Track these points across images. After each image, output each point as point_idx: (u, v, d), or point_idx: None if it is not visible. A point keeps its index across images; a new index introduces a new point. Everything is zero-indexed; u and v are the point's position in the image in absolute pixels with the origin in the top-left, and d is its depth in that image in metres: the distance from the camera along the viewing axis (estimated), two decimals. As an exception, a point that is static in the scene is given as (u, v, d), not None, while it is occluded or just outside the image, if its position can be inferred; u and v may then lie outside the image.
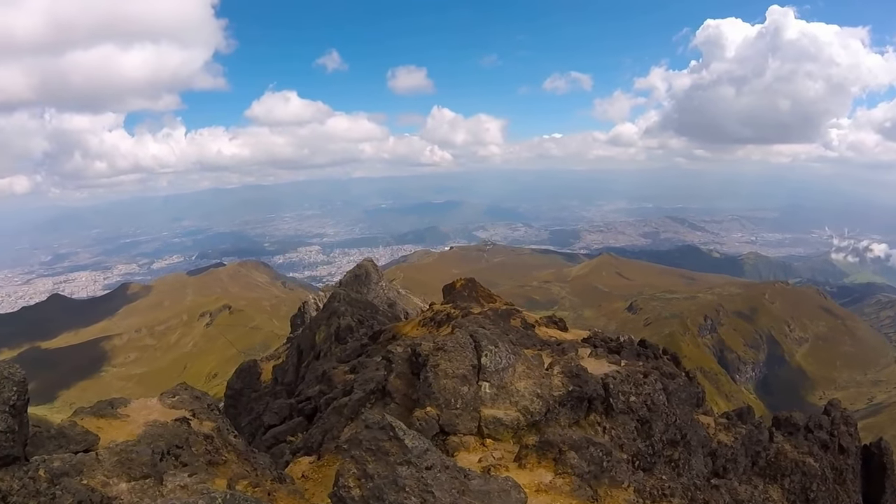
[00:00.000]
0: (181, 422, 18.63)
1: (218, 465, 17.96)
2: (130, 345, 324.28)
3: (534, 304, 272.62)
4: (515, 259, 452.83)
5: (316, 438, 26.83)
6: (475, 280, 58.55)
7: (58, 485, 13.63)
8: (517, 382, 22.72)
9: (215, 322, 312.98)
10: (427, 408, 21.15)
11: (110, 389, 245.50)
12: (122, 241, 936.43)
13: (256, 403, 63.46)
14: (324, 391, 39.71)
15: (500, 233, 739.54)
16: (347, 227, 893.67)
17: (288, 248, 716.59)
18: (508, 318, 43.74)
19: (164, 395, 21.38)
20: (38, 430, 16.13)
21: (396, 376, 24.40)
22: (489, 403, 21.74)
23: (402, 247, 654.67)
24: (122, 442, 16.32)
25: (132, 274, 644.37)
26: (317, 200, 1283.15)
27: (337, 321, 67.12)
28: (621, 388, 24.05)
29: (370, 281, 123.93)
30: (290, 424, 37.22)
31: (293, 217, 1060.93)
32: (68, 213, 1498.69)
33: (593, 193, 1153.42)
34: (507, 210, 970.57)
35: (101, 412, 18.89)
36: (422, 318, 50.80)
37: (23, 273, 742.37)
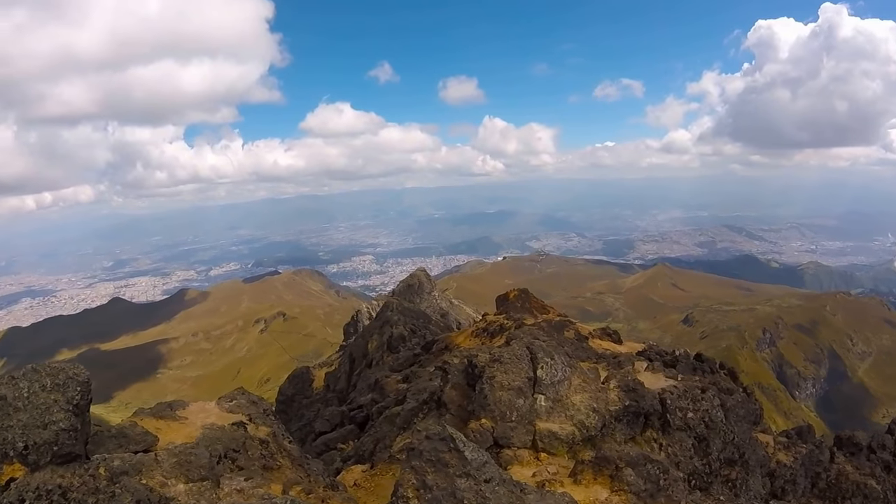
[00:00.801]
0: (238, 426, 18.74)
1: (272, 470, 18.02)
2: (186, 348, 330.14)
3: (587, 316, 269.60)
4: (568, 270, 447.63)
5: (367, 447, 26.80)
6: (528, 291, 58.14)
7: (117, 483, 13.83)
8: (573, 396, 22.40)
9: (270, 328, 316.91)
10: (482, 420, 20.98)
11: (165, 391, 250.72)
12: (180, 248, 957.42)
13: (308, 410, 63.81)
14: (376, 400, 39.75)
15: (553, 243, 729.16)
16: (400, 237, 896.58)
17: (342, 257, 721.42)
18: (562, 329, 43.34)
19: (221, 399, 21.56)
20: (99, 430, 16.48)
21: (452, 387, 24.23)
22: (544, 417, 21.45)
23: (455, 257, 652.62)
24: (181, 444, 16.46)
25: (190, 280, 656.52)
26: (370, 210, 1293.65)
27: (389, 330, 67.27)
28: (679, 403, 23.55)
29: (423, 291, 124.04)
30: (342, 432, 37.29)
31: (347, 227, 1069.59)
32: (130, 221, 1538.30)
33: (647, 202, 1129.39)
34: (560, 220, 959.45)
35: (160, 414, 19.10)
36: (474, 329, 50.55)
37: (86, 277, 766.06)
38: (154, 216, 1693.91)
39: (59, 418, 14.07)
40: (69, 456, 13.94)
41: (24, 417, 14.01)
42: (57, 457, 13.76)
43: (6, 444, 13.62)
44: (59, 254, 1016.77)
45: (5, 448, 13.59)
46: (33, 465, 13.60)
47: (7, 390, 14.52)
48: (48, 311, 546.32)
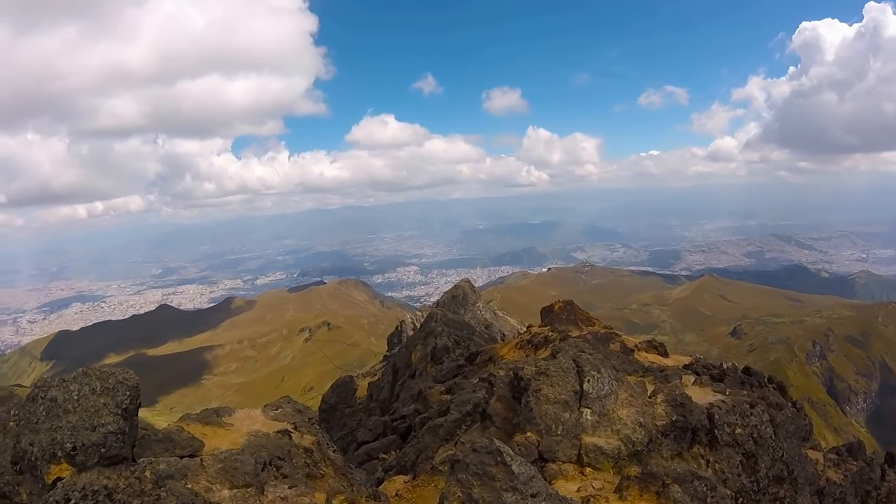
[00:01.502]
0: (283, 434, 18.85)
1: (316, 478, 18.07)
2: (232, 355, 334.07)
3: (633, 328, 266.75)
4: (614, 281, 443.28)
5: (410, 457, 26.72)
6: (573, 302, 57.64)
7: (162, 487, 14.08)
8: (619, 410, 22.08)
9: (314, 337, 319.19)
10: (527, 433, 20.76)
11: (210, 397, 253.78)
12: (228, 257, 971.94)
13: (350, 419, 63.96)
14: (419, 410, 39.61)
15: (599, 254, 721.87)
16: (445, 248, 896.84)
17: (387, 267, 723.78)
18: (607, 342, 42.89)
19: (267, 407, 21.71)
20: (146, 433, 16.74)
21: (497, 399, 24.03)
22: (590, 431, 21.17)
23: (500, 268, 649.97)
24: (227, 450, 16.66)
25: (236, 289, 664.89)
26: (415, 221, 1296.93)
27: (433, 341, 67.17)
28: (727, 418, 23.05)
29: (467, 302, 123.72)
30: (384, 442, 37.25)
31: (392, 238, 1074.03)
32: (179, 231, 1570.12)
33: (694, 212, 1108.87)
34: (605, 230, 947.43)
35: (206, 420, 19.34)
36: (519, 341, 50.23)
37: (135, 284, 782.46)
38: (202, 226, 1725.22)
39: (107, 421, 14.38)
40: (116, 458, 14.23)
41: (74, 419, 14.36)
42: (104, 458, 14.05)
43: (55, 445, 13.97)
44: (110, 261, 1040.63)
45: (54, 448, 13.95)
46: (80, 466, 13.91)
47: (58, 392, 14.93)
48: (97, 315, 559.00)
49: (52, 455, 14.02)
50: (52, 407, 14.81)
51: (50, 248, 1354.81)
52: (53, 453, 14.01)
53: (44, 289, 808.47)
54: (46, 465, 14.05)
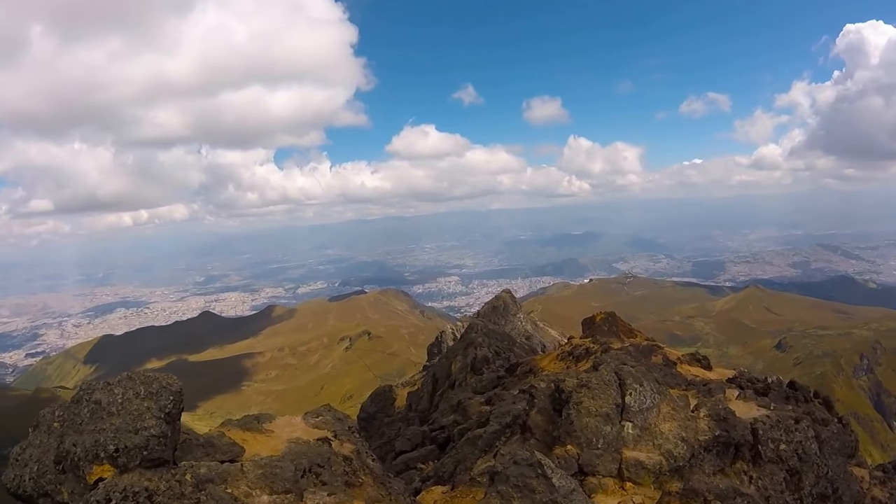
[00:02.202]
0: (323, 442, 18.93)
1: (355, 486, 18.08)
2: (272, 363, 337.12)
3: (675, 340, 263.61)
4: (657, 292, 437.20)
5: (448, 468, 26.58)
6: (615, 314, 57.02)
7: (202, 490, 14.26)
8: (661, 424, 21.78)
9: (354, 346, 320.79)
10: (567, 446, 20.57)
11: (249, 403, 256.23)
12: (270, 266, 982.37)
13: (389, 428, 63.99)
14: (458, 421, 39.46)
15: (641, 265, 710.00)
16: (486, 259, 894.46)
17: (427, 278, 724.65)
18: (650, 354, 42.38)
19: (308, 415, 21.83)
20: (187, 438, 16.98)
21: (538, 411, 23.84)
22: (631, 445, 20.91)
23: (541, 279, 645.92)
24: (267, 456, 16.84)
25: (278, 297, 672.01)
26: (456, 232, 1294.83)
27: (474, 352, 66.95)
28: (771, 434, 22.62)
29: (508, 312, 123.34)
30: (422, 452, 37.15)
31: (433, 248, 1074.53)
32: (221, 239, 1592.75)
33: (738, 221, 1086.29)
34: (647, 241, 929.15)
35: (247, 426, 19.51)
36: (560, 352, 49.89)
37: (178, 291, 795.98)
38: (245, 235, 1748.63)
39: (150, 424, 14.62)
40: (158, 461, 14.45)
41: (117, 422, 14.62)
42: (146, 461, 14.28)
43: (98, 446, 14.25)
44: (154, 268, 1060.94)
45: (97, 449, 14.23)
46: (122, 468, 14.15)
47: (102, 395, 15.24)
48: (141, 321, 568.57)
49: (95, 456, 14.30)
50: (96, 409, 15.12)
51: (96, 255, 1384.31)
52: (96, 454, 14.29)
53: (89, 294, 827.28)
54: (89, 466, 14.33)
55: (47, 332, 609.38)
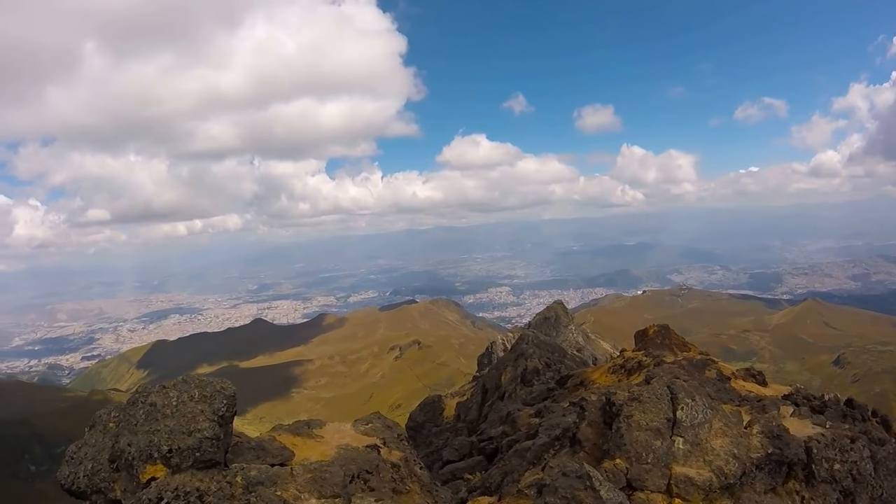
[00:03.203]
0: (372, 448, 19.14)
1: (402, 494, 18.22)
2: (322, 370, 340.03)
3: (730, 355, 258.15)
4: (711, 305, 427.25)
5: (495, 479, 26.47)
6: (668, 326, 56.44)
7: (252, 492, 14.63)
8: (713, 440, 21.38)
9: (404, 356, 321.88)
10: (616, 459, 20.31)
11: (299, 409, 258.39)
12: (321, 275, 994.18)
13: (437, 438, 63.98)
14: (506, 432, 39.32)
15: (696, 276, 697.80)
16: (538, 269, 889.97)
17: (478, 288, 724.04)
18: (703, 368, 41.79)
19: (357, 422, 22.08)
20: (239, 441, 17.48)
21: (588, 424, 23.61)
22: (681, 461, 20.52)
23: (593, 290, 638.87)
24: (316, 461, 17.15)
25: (329, 306, 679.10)
26: (508, 242, 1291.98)
27: (524, 363, 66.71)
28: (825, 453, 22.05)
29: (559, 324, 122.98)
30: (469, 462, 37.07)
31: (484, 258, 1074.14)
32: (274, 248, 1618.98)
33: (795, 232, 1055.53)
34: (702, 252, 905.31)
35: (297, 431, 19.92)
36: (611, 365, 49.47)
37: (231, 298, 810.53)
38: (297, 244, 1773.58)
39: (203, 427, 15.03)
40: (210, 462, 14.88)
41: (171, 423, 15.09)
42: (198, 462, 14.72)
43: (152, 447, 14.72)
44: (208, 276, 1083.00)
45: (150, 450, 14.70)
46: (175, 468, 14.58)
47: (157, 398, 15.77)
48: (194, 327, 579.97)
49: (149, 456, 14.77)
50: (151, 411, 15.62)
51: (151, 263, 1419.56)
52: (150, 454, 14.76)
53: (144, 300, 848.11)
54: (142, 465, 14.82)
55: (103, 336, 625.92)
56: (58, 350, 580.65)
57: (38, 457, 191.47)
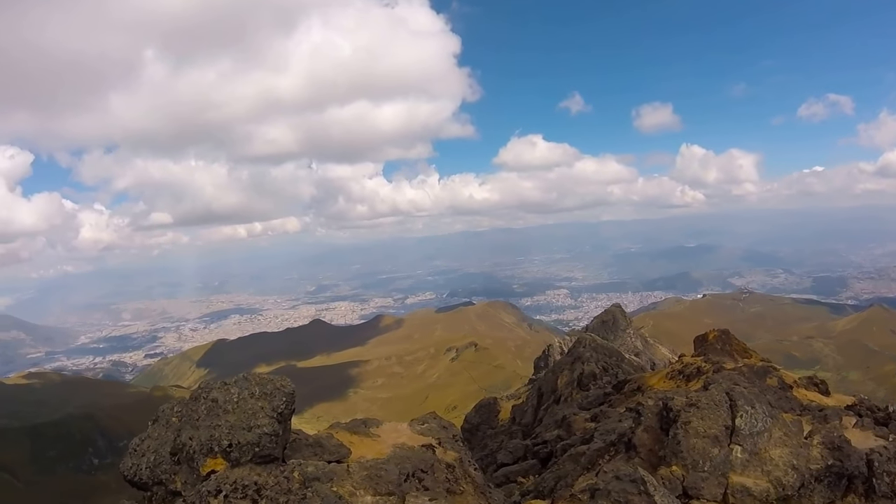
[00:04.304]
0: (427, 448, 19.34)
1: (455, 494, 18.34)
2: (379, 371, 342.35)
3: (792, 362, 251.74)
4: (774, 310, 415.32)
5: (548, 483, 26.37)
6: (729, 332, 55.31)
7: (309, 487, 15.07)
8: (772, 450, 21.01)
9: (460, 357, 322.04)
10: (672, 466, 20.11)
11: (355, 409, 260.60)
12: (379, 276, 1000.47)
13: (491, 440, 63.91)
14: (561, 436, 39.11)
15: (758, 280, 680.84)
16: (596, 272, 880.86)
17: (536, 290, 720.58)
18: (764, 376, 40.99)
19: (413, 422, 22.33)
20: (297, 437, 18.13)
21: (644, 430, 23.39)
22: (739, 470, 20.22)
23: (652, 293, 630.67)
24: (372, 459, 17.59)
25: (387, 307, 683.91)
26: (565, 244, 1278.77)
27: (581, 367, 66.24)
28: (887, 467, 21.44)
29: (617, 328, 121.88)
30: (523, 465, 36.97)
31: (542, 260, 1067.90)
32: (333, 250, 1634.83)
33: (862, 234, 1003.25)
34: (765, 255, 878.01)
35: (354, 429, 20.35)
36: (669, 371, 48.85)
37: (290, 300, 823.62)
38: (355, 246, 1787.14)
39: (263, 423, 15.63)
40: (268, 458, 15.50)
41: (232, 419, 15.70)
42: (257, 457, 15.32)
43: (212, 441, 15.35)
44: (267, 277, 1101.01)
45: (211, 444, 15.34)
46: (234, 462, 15.16)
47: (219, 394, 16.44)
48: (254, 327, 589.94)
49: (209, 450, 15.41)
50: (212, 407, 16.25)
51: (212, 264, 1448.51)
52: (210, 448, 15.39)
53: (206, 301, 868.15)
54: (202, 458, 15.48)
55: (165, 335, 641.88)
56: (122, 348, 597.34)
57: (102, 450, 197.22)
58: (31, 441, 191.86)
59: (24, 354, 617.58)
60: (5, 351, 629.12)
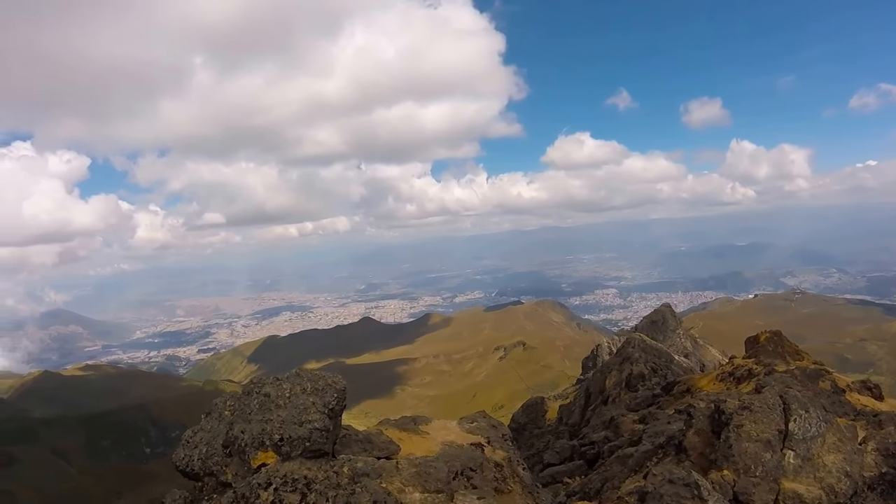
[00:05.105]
0: (476, 447, 19.43)
1: (503, 493, 18.39)
2: (427, 368, 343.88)
3: (845, 365, 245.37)
4: (826, 310, 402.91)
5: (595, 485, 26.24)
6: (781, 333, 54.32)
7: (358, 483, 15.30)
8: (825, 455, 20.61)
9: (508, 356, 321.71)
10: (723, 471, 19.80)
11: (402, 406, 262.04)
12: (428, 275, 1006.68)
13: (538, 440, 63.74)
14: (609, 438, 38.89)
15: (810, 279, 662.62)
16: (645, 271, 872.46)
17: (585, 289, 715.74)
18: (816, 379, 40.17)
19: (463, 420, 22.46)
20: (346, 433, 18.45)
21: (695, 432, 23.12)
22: (791, 476, 19.85)
23: (702, 293, 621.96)
24: (422, 456, 17.80)
25: (435, 306, 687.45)
26: (614, 243, 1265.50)
27: (629, 367, 65.67)
28: (944, 476, 20.99)
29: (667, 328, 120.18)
30: (570, 466, 36.85)
31: (591, 259, 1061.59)
32: (382, 249, 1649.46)
33: None
34: (817, 253, 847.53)
35: (403, 426, 20.59)
36: (720, 373, 48.19)
37: (340, 297, 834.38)
38: (404, 245, 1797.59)
39: (314, 418, 16.04)
40: (318, 452, 15.83)
41: (284, 414, 16.17)
42: (307, 451, 15.72)
43: (264, 434, 15.83)
44: (318, 275, 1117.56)
45: (263, 437, 15.81)
46: (285, 456, 15.62)
47: (271, 389, 16.97)
48: (304, 324, 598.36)
49: (261, 443, 15.83)
50: (265, 401, 16.73)
51: (264, 263, 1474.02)
52: (262, 441, 15.82)
53: (258, 298, 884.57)
54: (254, 452, 15.87)
55: (218, 331, 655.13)
56: (176, 343, 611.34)
57: (154, 440, 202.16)
58: (86, 430, 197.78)
59: (82, 348, 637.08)
60: (64, 344, 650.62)
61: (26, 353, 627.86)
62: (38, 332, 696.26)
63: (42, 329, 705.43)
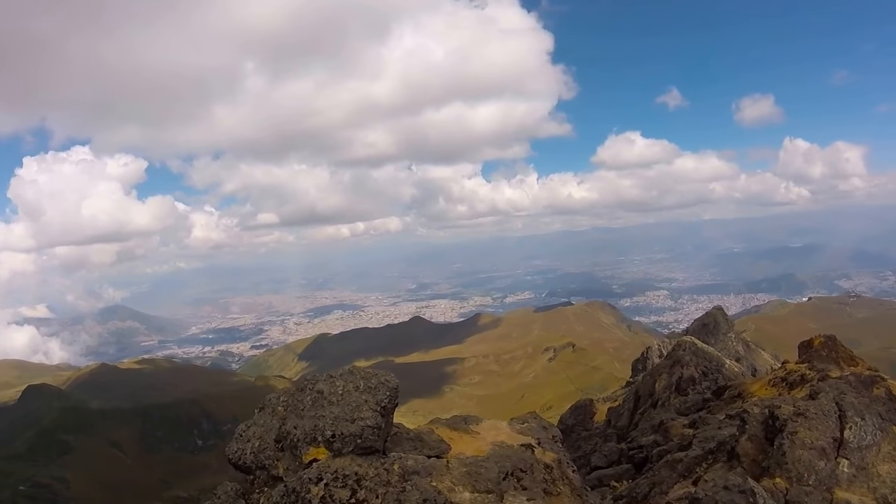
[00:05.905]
0: (527, 448, 19.45)
1: (553, 495, 18.34)
2: (476, 368, 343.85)
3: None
4: (883, 315, 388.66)
5: (642, 489, 26.00)
6: (835, 338, 53.18)
7: (408, 481, 15.37)
8: (880, 465, 20.12)
9: (558, 358, 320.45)
10: (776, 478, 19.41)
11: (451, 406, 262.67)
12: (478, 275, 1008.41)
13: (585, 442, 63.32)
14: (658, 442, 38.50)
15: (866, 282, 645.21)
16: (697, 273, 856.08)
17: (635, 291, 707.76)
18: (871, 385, 39.30)
19: (513, 421, 22.50)
20: (398, 431, 18.59)
21: (748, 438, 22.77)
22: (844, 485, 19.36)
23: (755, 295, 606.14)
24: (472, 456, 17.80)
25: (485, 306, 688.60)
26: (666, 243, 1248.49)
27: (680, 371, 64.90)
28: None
29: (718, 331, 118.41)
30: (617, 470, 36.58)
31: (642, 260, 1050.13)
32: (433, 249, 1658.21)
33: None
34: (874, 255, 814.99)
35: (454, 425, 20.67)
36: (772, 378, 47.30)
37: (391, 297, 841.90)
38: (455, 245, 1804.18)
39: (366, 416, 16.37)
40: (369, 449, 16.07)
41: (336, 411, 16.51)
42: (358, 448, 15.99)
43: (316, 430, 16.22)
44: (370, 275, 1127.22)
45: (315, 433, 16.18)
46: (336, 452, 15.92)
47: (324, 386, 17.36)
48: (355, 323, 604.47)
49: (313, 439, 16.17)
50: (317, 398, 17.08)
51: (317, 262, 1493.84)
52: (314, 437, 16.17)
53: (310, 296, 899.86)
54: (305, 447, 16.21)
55: (271, 328, 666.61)
56: (229, 339, 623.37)
57: (206, 433, 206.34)
58: (141, 421, 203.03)
59: (138, 342, 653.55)
60: (121, 338, 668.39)
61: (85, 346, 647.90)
62: (96, 326, 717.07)
63: (100, 324, 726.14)
